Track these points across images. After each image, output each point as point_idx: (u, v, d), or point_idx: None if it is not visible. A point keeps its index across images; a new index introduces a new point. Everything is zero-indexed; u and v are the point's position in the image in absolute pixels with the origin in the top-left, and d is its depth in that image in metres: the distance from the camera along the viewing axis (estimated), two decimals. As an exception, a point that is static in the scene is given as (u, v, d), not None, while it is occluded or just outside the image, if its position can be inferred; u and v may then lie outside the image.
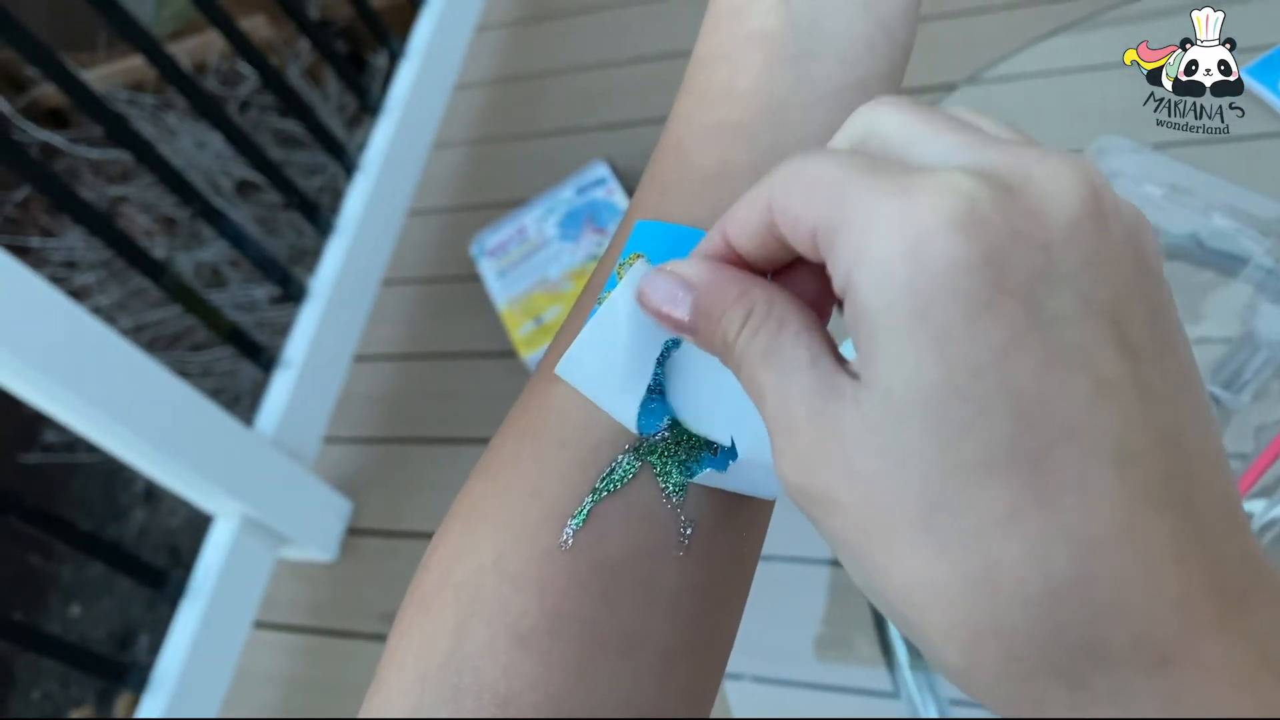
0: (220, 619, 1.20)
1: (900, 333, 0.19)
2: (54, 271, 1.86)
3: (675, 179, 0.30)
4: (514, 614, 0.25)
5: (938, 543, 0.19)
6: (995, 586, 0.18)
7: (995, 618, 0.18)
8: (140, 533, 1.82)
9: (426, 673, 0.25)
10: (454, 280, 1.46)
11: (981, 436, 0.18)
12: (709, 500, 0.27)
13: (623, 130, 1.49)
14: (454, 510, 0.28)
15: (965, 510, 0.18)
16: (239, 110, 1.93)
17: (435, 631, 0.26)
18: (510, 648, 0.25)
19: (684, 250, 0.28)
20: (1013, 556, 0.18)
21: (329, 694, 1.20)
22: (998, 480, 0.18)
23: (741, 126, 0.29)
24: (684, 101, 0.31)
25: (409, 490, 1.32)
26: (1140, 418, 0.19)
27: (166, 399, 1.10)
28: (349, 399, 1.42)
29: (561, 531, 0.26)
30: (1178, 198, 0.62)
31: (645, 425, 0.27)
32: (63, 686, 1.71)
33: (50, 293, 0.97)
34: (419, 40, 1.65)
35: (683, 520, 0.27)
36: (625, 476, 0.26)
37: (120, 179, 1.95)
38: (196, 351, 1.76)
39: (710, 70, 0.31)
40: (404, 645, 0.26)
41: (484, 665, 0.25)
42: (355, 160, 1.54)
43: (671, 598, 0.26)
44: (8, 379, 0.96)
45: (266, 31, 1.92)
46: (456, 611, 0.25)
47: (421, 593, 0.27)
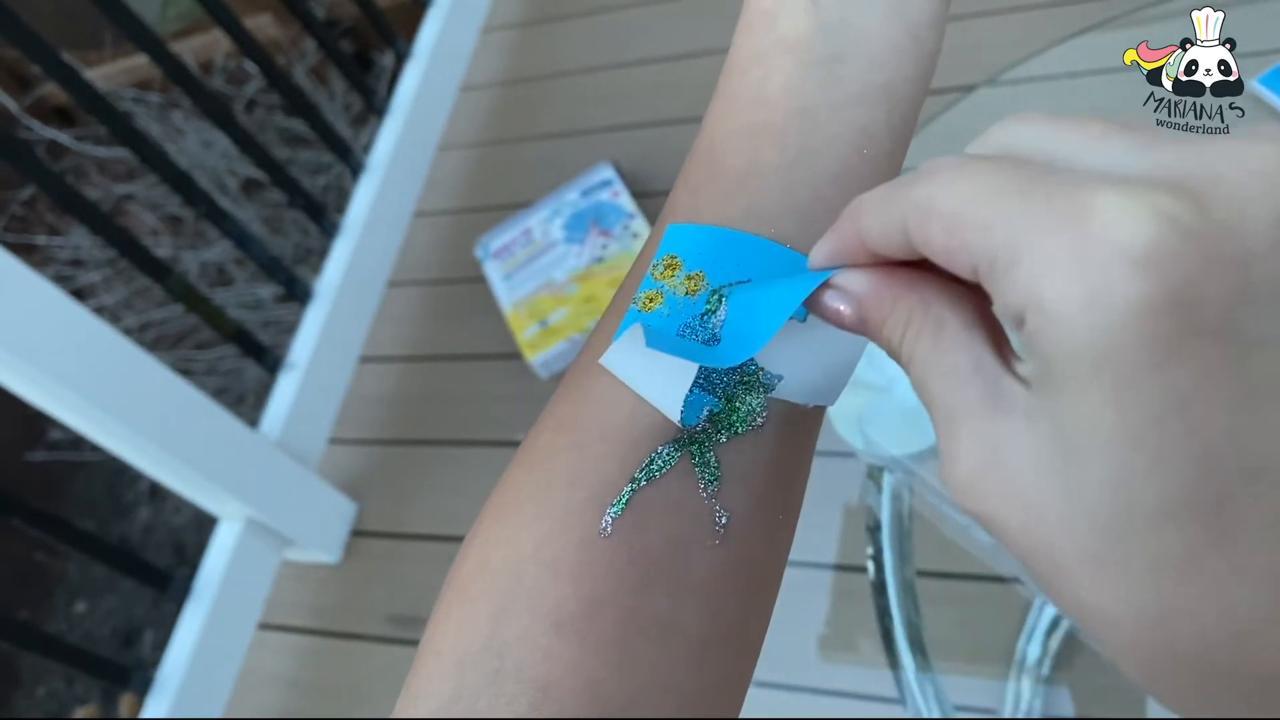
0: (224, 621, 1.20)
1: (1080, 380, 0.18)
2: (59, 270, 1.87)
3: (706, 180, 0.30)
4: (552, 601, 0.25)
5: (1109, 579, 0.18)
6: (1171, 625, 0.18)
7: (1173, 651, 0.18)
8: (145, 530, 1.82)
9: (465, 658, 0.25)
10: (459, 282, 1.46)
11: (1156, 485, 0.17)
12: (744, 490, 0.28)
13: (628, 132, 1.48)
14: (492, 499, 0.29)
15: (1138, 552, 0.18)
16: (244, 109, 1.93)
17: (474, 618, 0.26)
18: (549, 633, 0.25)
19: (716, 249, 0.29)
20: (1188, 599, 0.18)
21: (333, 696, 1.20)
22: (1172, 525, 0.18)
23: (771, 128, 0.30)
24: (717, 105, 0.32)
25: (413, 492, 1.32)
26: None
27: (171, 401, 1.10)
28: (354, 400, 1.42)
29: (600, 520, 0.26)
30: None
31: (687, 417, 0.28)
32: (67, 684, 1.72)
33: (53, 293, 0.97)
34: (425, 41, 1.65)
35: (718, 510, 0.27)
36: (664, 468, 0.27)
37: (126, 178, 1.95)
38: (201, 350, 1.76)
39: (742, 74, 0.31)
40: (443, 632, 0.27)
41: (523, 650, 0.25)
42: (361, 161, 1.54)
43: (707, 585, 0.27)
44: (10, 379, 0.96)
45: (272, 31, 1.92)
46: (495, 598, 0.26)
47: (460, 580, 0.27)
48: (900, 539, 0.71)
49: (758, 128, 0.30)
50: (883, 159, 0.30)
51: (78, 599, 1.81)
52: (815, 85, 0.30)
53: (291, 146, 1.87)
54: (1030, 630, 0.87)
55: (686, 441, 0.28)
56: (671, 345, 0.28)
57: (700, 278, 0.29)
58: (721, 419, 0.28)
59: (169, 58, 1.24)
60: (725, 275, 0.29)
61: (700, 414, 0.28)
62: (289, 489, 1.25)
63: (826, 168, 0.29)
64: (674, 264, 0.30)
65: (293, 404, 1.32)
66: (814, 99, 0.30)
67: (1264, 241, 0.17)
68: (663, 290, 0.29)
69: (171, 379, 1.10)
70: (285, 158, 1.79)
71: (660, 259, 0.30)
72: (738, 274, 0.29)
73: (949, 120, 0.74)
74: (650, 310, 0.29)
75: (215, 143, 1.86)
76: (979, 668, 0.90)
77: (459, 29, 1.69)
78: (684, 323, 0.29)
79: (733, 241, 0.29)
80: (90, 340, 1.00)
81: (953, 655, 0.87)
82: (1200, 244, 0.17)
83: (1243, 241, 0.17)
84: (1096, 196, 0.17)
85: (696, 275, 0.29)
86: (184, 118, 1.92)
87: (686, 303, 0.29)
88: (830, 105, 0.30)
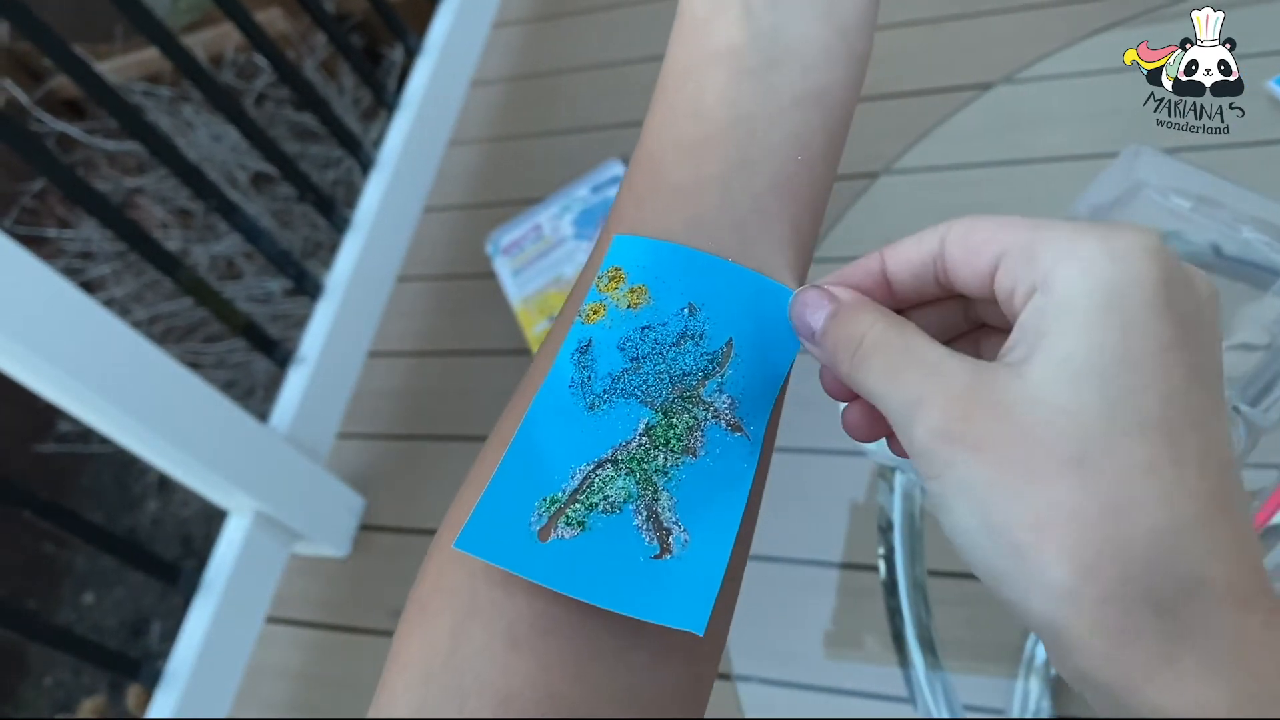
0: (233, 614, 1.20)
1: (1096, 313, 0.24)
2: (70, 262, 1.87)
3: (649, 192, 0.31)
4: (507, 618, 0.26)
5: (1086, 476, 0.23)
6: (1129, 515, 0.23)
7: (1121, 542, 0.22)
8: (153, 522, 1.83)
9: (430, 672, 0.26)
10: (469, 277, 1.46)
11: (1140, 403, 0.23)
12: None
13: (639, 128, 1.47)
14: (447, 518, 0.30)
15: (1115, 456, 0.23)
16: (254, 103, 1.94)
17: (434, 634, 0.27)
18: (506, 650, 0.26)
19: (660, 262, 0.30)
20: (1148, 495, 0.23)
21: (340, 689, 1.21)
22: (1145, 438, 0.23)
23: (710, 141, 0.31)
24: (655, 116, 0.33)
25: (422, 487, 1.32)
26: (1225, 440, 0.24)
27: (181, 394, 1.10)
28: (363, 395, 1.42)
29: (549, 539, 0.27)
30: (1205, 210, 0.61)
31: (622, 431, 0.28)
32: (75, 675, 1.73)
33: (63, 285, 0.97)
34: (436, 36, 1.64)
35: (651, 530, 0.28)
36: (605, 486, 0.28)
37: (136, 171, 1.95)
38: (211, 343, 1.77)
39: (678, 86, 0.32)
40: (407, 647, 0.28)
41: (483, 665, 0.26)
42: (371, 156, 1.54)
43: None
44: (20, 372, 0.96)
45: (282, 24, 1.92)
46: (452, 615, 0.27)
47: (419, 596, 0.28)
48: (911, 538, 0.71)
49: (697, 141, 0.31)
50: (819, 163, 0.32)
51: (86, 590, 1.81)
52: (750, 95, 0.31)
53: (301, 141, 1.87)
54: (1039, 631, 0.87)
55: (625, 459, 0.28)
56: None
57: (643, 291, 0.30)
58: (658, 434, 0.28)
59: (180, 51, 1.24)
60: (666, 288, 0.30)
61: (636, 428, 0.28)
62: (298, 483, 1.25)
63: (765, 177, 0.31)
64: (619, 276, 0.30)
65: (302, 398, 1.32)
66: (749, 108, 0.31)
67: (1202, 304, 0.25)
68: (605, 302, 0.30)
69: (181, 372, 1.10)
70: (295, 152, 1.80)
71: (605, 270, 0.30)
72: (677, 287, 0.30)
73: (966, 117, 0.74)
74: (594, 322, 0.30)
75: (225, 136, 1.86)
76: (987, 667, 0.90)
77: (470, 24, 1.69)
78: (624, 335, 0.29)
79: (674, 255, 0.30)
80: (100, 333, 1.00)
81: (961, 654, 0.86)
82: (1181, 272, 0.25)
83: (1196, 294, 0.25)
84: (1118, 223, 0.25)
85: (639, 289, 0.30)
86: (194, 111, 1.92)
87: (628, 315, 0.29)
88: (766, 115, 0.31)
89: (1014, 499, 0.23)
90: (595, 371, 0.29)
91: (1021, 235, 0.25)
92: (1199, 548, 0.23)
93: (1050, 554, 0.23)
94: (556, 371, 0.30)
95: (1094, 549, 0.23)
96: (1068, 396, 0.23)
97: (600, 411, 0.29)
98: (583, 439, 0.29)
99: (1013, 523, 0.23)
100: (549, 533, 0.27)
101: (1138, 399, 0.23)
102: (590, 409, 0.29)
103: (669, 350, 0.29)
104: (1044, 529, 0.23)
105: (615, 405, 0.29)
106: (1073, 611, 0.23)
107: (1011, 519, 0.23)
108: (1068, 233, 0.25)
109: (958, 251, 0.27)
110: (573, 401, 0.29)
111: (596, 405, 0.29)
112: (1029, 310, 0.25)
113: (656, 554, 0.27)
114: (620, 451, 0.28)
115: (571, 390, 0.29)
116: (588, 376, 0.29)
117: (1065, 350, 0.24)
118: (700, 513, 0.27)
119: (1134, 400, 0.23)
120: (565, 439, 0.29)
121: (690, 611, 0.26)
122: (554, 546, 0.27)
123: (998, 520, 0.24)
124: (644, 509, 0.27)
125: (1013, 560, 0.23)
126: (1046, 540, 0.23)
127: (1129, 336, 0.23)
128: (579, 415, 0.29)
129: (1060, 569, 0.23)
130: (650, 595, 0.26)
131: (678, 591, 0.26)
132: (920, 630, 0.71)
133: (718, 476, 0.28)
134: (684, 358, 0.29)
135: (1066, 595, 0.23)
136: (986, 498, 0.24)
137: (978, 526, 0.24)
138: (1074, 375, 0.23)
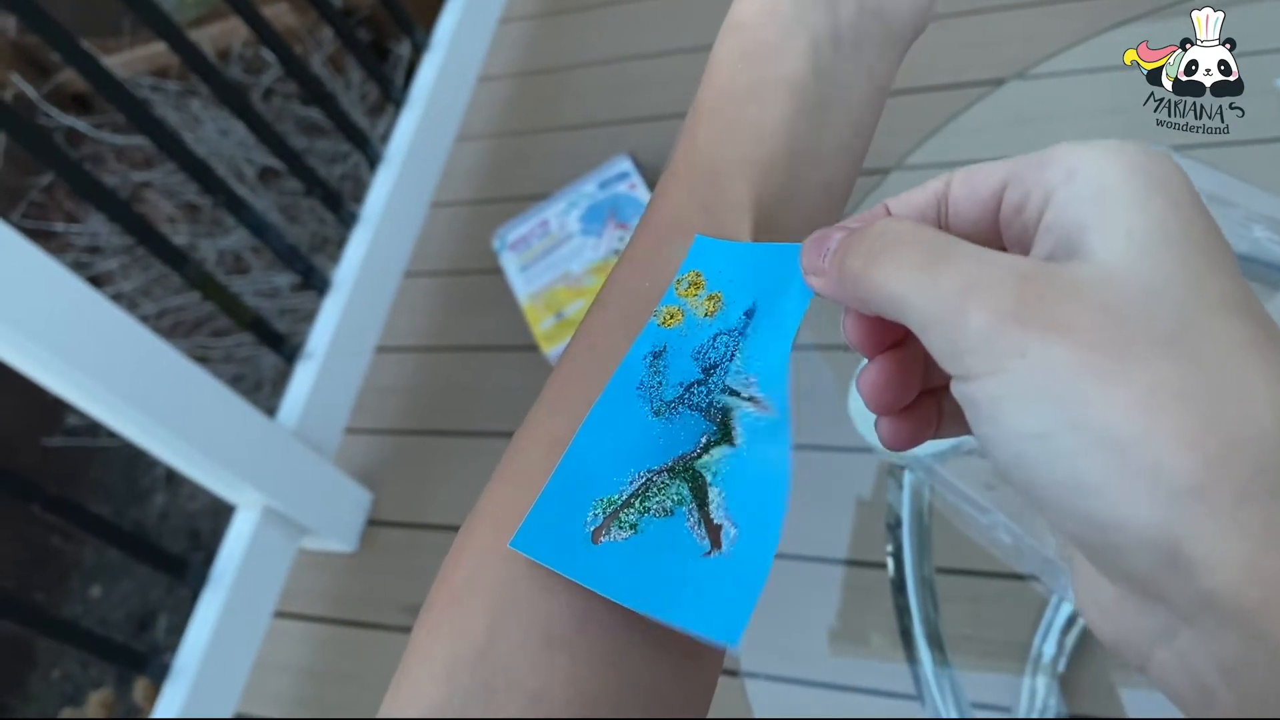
0: (241, 609, 1.21)
1: (1143, 192, 0.22)
2: (77, 257, 1.88)
3: (720, 205, 0.32)
4: (545, 617, 0.26)
5: (1191, 353, 0.20)
6: (1247, 396, 0.20)
7: (1247, 425, 0.20)
8: (161, 516, 1.83)
9: (457, 667, 0.26)
10: (476, 273, 1.46)
11: (1221, 279, 0.21)
12: None
13: (646, 124, 1.48)
14: (482, 510, 0.29)
15: (1216, 332, 0.21)
16: (262, 98, 1.94)
17: (468, 629, 0.27)
18: (542, 647, 0.26)
19: (739, 264, 0.30)
20: (1258, 374, 0.20)
21: (348, 684, 1.21)
22: (1238, 316, 0.21)
23: (770, 165, 0.32)
24: (714, 130, 0.33)
25: (429, 482, 1.32)
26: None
27: (188, 388, 1.10)
28: (370, 390, 1.42)
29: None
30: (1217, 209, 0.61)
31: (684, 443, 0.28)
32: (82, 667, 1.73)
33: (71, 279, 0.97)
34: (443, 31, 1.64)
35: None
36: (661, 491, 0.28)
37: (144, 165, 1.95)
38: (218, 337, 1.77)
39: (739, 106, 0.33)
40: (434, 640, 0.27)
41: (516, 663, 0.26)
42: (379, 151, 1.54)
43: None
44: (28, 366, 0.96)
45: (289, 19, 1.92)
46: (489, 612, 0.27)
47: (451, 590, 0.28)
48: (920, 536, 0.71)
49: (765, 163, 0.32)
50: (835, 212, 0.34)
51: (93, 583, 1.82)
52: (804, 130, 0.33)
53: (309, 135, 1.87)
54: (1046, 627, 0.87)
55: (682, 469, 0.28)
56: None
57: (719, 298, 0.30)
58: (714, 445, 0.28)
59: (187, 46, 1.24)
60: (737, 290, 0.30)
61: (699, 441, 0.28)
62: (306, 478, 1.26)
63: (800, 211, 0.33)
64: (698, 282, 0.30)
65: (310, 393, 1.33)
66: (801, 144, 0.33)
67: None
68: (684, 308, 0.29)
69: (188, 366, 1.10)
70: (302, 146, 1.80)
71: (685, 274, 0.30)
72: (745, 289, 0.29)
73: (978, 113, 0.74)
74: (670, 327, 0.29)
75: (232, 131, 1.86)
76: (994, 664, 0.90)
77: (477, 19, 1.69)
78: (700, 344, 0.29)
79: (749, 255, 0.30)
80: (107, 327, 1.01)
81: (968, 651, 0.86)
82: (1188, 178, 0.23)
83: None
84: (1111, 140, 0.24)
85: (716, 296, 0.30)
86: (201, 106, 1.92)
87: (705, 324, 0.29)
88: (809, 153, 0.33)
89: (1112, 382, 0.20)
90: (667, 378, 0.29)
91: (1029, 156, 0.25)
92: None
93: (1167, 442, 0.19)
94: (625, 371, 0.29)
95: (1219, 434, 0.19)
96: (1147, 271, 0.21)
97: (666, 419, 0.28)
98: (647, 445, 0.28)
99: (1112, 412, 0.20)
100: (601, 534, 0.27)
101: (1216, 273, 0.21)
102: (656, 414, 0.28)
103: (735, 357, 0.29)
104: (1154, 412, 0.20)
105: (683, 415, 0.28)
106: (1202, 513, 0.19)
107: (1110, 407, 0.20)
108: (1077, 143, 0.24)
109: (961, 189, 0.27)
110: (640, 404, 0.28)
111: (663, 412, 0.28)
112: (1055, 207, 0.23)
113: (707, 551, 0.26)
114: (680, 462, 0.28)
115: (640, 393, 0.29)
116: (659, 382, 0.29)
117: (1123, 225, 0.22)
118: (745, 503, 0.27)
119: (1214, 277, 0.21)
120: (628, 442, 0.28)
121: (727, 622, 0.25)
122: (606, 549, 0.26)
123: (1091, 413, 0.20)
124: (696, 510, 0.27)
125: (1110, 458, 0.20)
126: (1159, 425, 0.20)
127: (1184, 214, 0.22)
128: (645, 419, 0.28)
129: (1181, 459, 0.19)
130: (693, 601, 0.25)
131: (720, 597, 0.25)
132: (928, 627, 0.71)
133: (756, 462, 0.27)
134: None
135: (1192, 492, 0.19)
136: (1074, 385, 0.21)
137: (1056, 424, 0.21)
138: (1145, 250, 0.21)
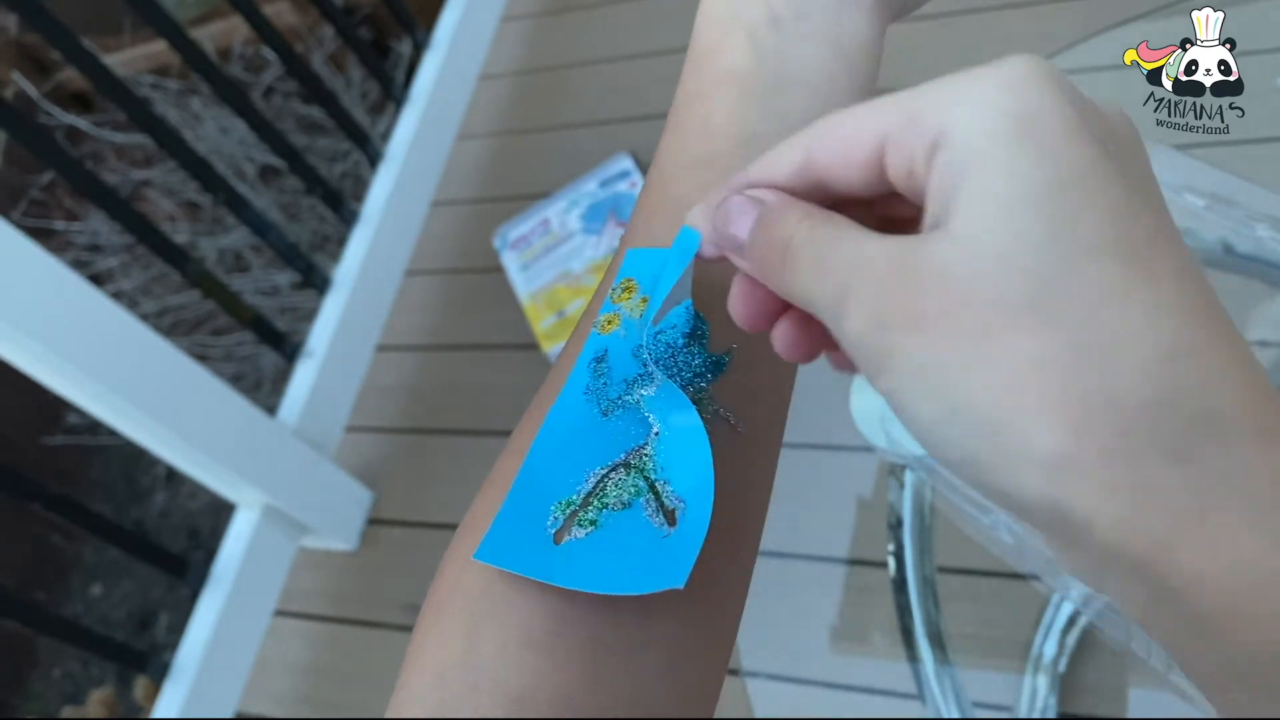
0: (241, 607, 1.21)
1: (1006, 145, 0.21)
2: (78, 255, 1.87)
3: (659, 208, 0.32)
4: (522, 618, 0.27)
5: (1048, 317, 0.20)
6: (1109, 353, 0.19)
7: (1109, 385, 0.19)
8: (161, 515, 1.83)
9: (445, 672, 0.27)
10: (477, 272, 1.46)
11: (1090, 221, 0.20)
12: None
13: (647, 123, 1.48)
14: (467, 519, 0.30)
15: (1076, 286, 0.20)
16: (262, 96, 1.94)
17: (450, 634, 0.27)
18: (521, 649, 0.26)
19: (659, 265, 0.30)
20: (1125, 325, 0.19)
21: (348, 682, 1.21)
22: (1106, 259, 0.20)
23: (717, 157, 0.32)
24: (667, 139, 0.34)
25: (430, 481, 1.33)
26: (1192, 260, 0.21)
27: (189, 387, 1.10)
28: (371, 389, 1.42)
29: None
30: (1219, 208, 0.61)
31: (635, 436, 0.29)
32: (83, 666, 1.74)
33: (71, 277, 0.97)
34: (444, 30, 1.64)
35: None
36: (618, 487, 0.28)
37: (144, 163, 1.95)
38: (219, 336, 1.77)
39: (689, 109, 0.33)
40: (423, 648, 0.28)
41: (498, 665, 0.26)
42: (380, 150, 1.54)
43: (674, 601, 0.27)
44: (28, 364, 0.96)
45: (290, 17, 1.92)
46: (469, 615, 0.27)
47: (437, 597, 0.29)
48: (922, 535, 0.71)
49: (705, 158, 0.32)
50: None
51: (94, 582, 1.82)
52: (757, 115, 0.32)
53: (309, 134, 1.87)
54: (1047, 627, 0.87)
55: (637, 463, 0.28)
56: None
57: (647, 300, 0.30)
58: None
59: (187, 44, 1.24)
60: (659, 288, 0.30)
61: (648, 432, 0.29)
62: (306, 477, 1.26)
63: None
64: (631, 287, 0.31)
65: (310, 392, 1.33)
66: (756, 128, 0.32)
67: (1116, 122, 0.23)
68: (620, 313, 0.31)
69: (189, 365, 1.10)
70: (303, 145, 1.80)
71: (618, 283, 0.31)
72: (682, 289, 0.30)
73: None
74: (609, 332, 0.31)
75: (233, 129, 1.86)
76: (995, 663, 0.90)
77: (478, 18, 1.69)
78: (639, 342, 0.30)
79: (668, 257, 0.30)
80: (108, 325, 1.01)
81: (969, 650, 0.86)
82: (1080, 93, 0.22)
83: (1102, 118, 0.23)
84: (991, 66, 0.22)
85: (646, 298, 0.31)
86: (202, 104, 1.92)
87: (642, 323, 0.30)
88: (772, 133, 0.31)
89: (973, 369, 0.20)
90: (611, 378, 0.30)
91: (898, 108, 0.22)
92: (1199, 374, 0.19)
93: (1031, 418, 0.20)
94: (573, 380, 0.30)
95: (1079, 398, 0.19)
96: (1002, 234, 0.20)
97: (614, 417, 0.29)
98: (597, 444, 0.29)
99: (979, 397, 0.20)
100: (564, 535, 0.27)
101: (1084, 218, 0.20)
102: (605, 414, 0.29)
103: (680, 353, 0.30)
104: (1015, 391, 0.20)
105: (629, 410, 0.29)
106: (1075, 480, 0.19)
107: (976, 393, 0.20)
108: (950, 83, 0.22)
109: (831, 157, 0.24)
110: (588, 408, 0.30)
111: (611, 411, 0.29)
112: (934, 173, 0.22)
113: (666, 534, 0.27)
114: (633, 456, 0.29)
115: (586, 397, 0.30)
116: (604, 384, 0.30)
117: (982, 188, 0.21)
118: (683, 478, 0.28)
119: (1080, 220, 0.20)
120: (580, 445, 0.29)
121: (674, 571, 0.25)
122: (569, 547, 0.27)
123: (962, 400, 0.20)
124: (652, 499, 0.28)
125: (991, 441, 0.20)
126: (1022, 403, 0.20)
127: (1051, 159, 0.20)
128: (594, 421, 0.29)
129: (1047, 433, 0.19)
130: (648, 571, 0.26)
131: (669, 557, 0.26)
132: (929, 626, 0.71)
133: (676, 435, 0.28)
134: (695, 359, 0.30)
135: (1063, 463, 0.19)
136: (943, 379, 0.21)
137: (942, 415, 0.21)
138: (1001, 209, 0.20)
